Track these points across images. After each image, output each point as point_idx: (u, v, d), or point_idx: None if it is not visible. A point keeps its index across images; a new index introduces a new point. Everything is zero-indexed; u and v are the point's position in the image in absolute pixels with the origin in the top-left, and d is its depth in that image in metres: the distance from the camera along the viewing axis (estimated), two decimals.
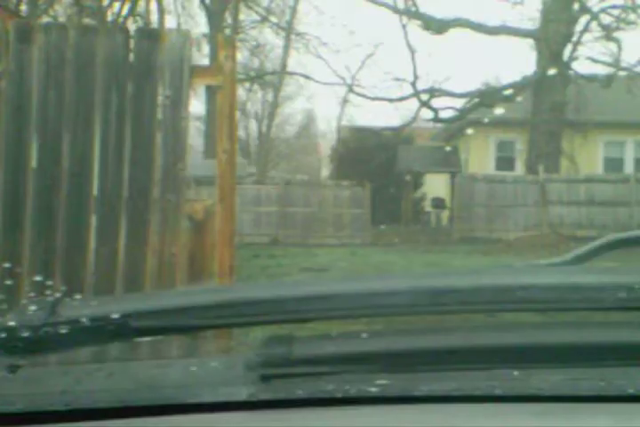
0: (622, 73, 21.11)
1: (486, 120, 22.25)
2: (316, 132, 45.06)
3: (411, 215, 23.70)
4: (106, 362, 1.17)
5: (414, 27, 22.66)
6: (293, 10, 28.59)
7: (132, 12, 21.41)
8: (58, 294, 1.07)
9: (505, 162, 23.63)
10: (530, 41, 22.09)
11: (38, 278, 3.54)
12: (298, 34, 29.35)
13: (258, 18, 29.20)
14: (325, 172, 35.48)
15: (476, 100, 22.66)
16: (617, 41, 20.95)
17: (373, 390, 0.85)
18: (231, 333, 1.41)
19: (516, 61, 53.94)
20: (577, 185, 19.30)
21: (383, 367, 0.89)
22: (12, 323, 0.94)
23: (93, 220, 3.95)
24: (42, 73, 3.96)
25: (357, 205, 19.40)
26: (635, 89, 19.23)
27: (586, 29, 21.11)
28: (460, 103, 23.59)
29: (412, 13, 22.29)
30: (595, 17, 20.87)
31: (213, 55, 22.69)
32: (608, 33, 20.96)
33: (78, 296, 1.21)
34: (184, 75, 3.99)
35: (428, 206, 26.23)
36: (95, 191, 3.96)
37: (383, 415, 0.84)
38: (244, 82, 30.43)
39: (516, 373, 0.89)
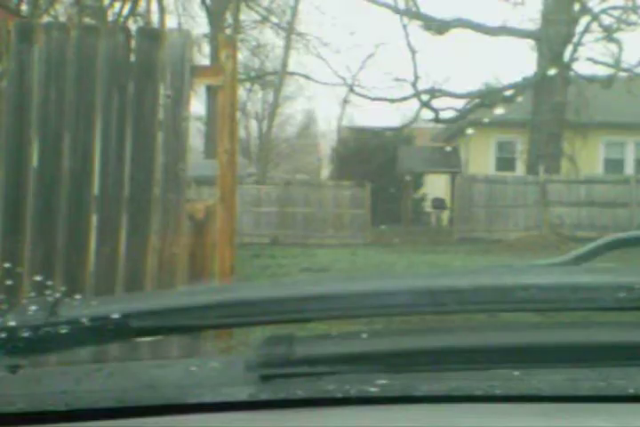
0: (623, 74, 21.10)
1: (487, 120, 22.24)
2: (317, 133, 45.08)
3: (411, 216, 23.71)
4: (106, 362, 1.17)
5: (415, 27, 22.74)
6: (294, 10, 28.55)
7: (132, 11, 21.42)
8: (58, 294, 1.07)
9: (505, 162, 23.64)
10: (530, 41, 22.08)
11: (38, 278, 3.54)
12: (298, 34, 29.32)
13: (258, 18, 29.21)
14: (326, 172, 35.48)
15: (477, 100, 22.66)
16: (617, 42, 20.95)
17: (373, 390, 0.85)
18: (231, 333, 1.41)
19: (517, 62, 53.99)
20: (577, 186, 19.29)
21: (383, 367, 0.89)
22: (12, 323, 0.94)
23: (94, 219, 3.95)
24: (43, 73, 3.96)
25: (357, 206, 19.39)
26: (635, 90, 19.22)
27: (586, 30, 21.10)
28: (460, 104, 23.59)
29: (413, 14, 22.28)
30: (595, 18, 20.87)
31: (214, 55, 22.69)
32: (609, 34, 20.96)
33: (78, 296, 1.21)
34: (185, 74, 3.99)
35: (428, 207, 26.24)
36: (96, 191, 3.96)
37: (383, 415, 0.84)
38: (245, 82, 30.43)
39: (516, 373, 0.89)
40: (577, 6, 20.87)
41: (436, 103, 22.91)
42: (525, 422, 0.82)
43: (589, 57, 21.39)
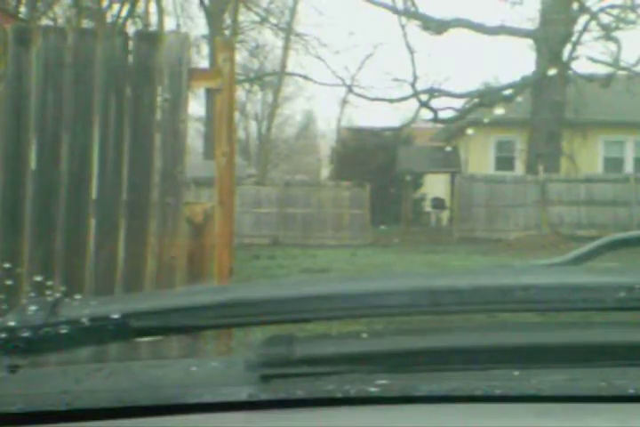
0: (622, 73, 21.10)
1: (486, 120, 22.21)
2: (316, 133, 45.10)
3: (411, 216, 23.70)
4: (106, 362, 1.17)
5: (413, 27, 22.72)
6: (293, 10, 28.56)
7: (131, 13, 21.43)
8: (58, 294, 1.07)
9: (505, 162, 23.63)
10: (529, 41, 22.09)
11: (38, 279, 3.54)
12: (297, 35, 29.33)
13: (257, 19, 29.24)
14: (325, 172, 35.47)
15: (476, 100, 22.65)
16: (616, 40, 20.94)
17: (373, 390, 0.85)
18: (231, 333, 1.41)
19: (516, 61, 53.95)
20: (577, 185, 19.30)
21: (383, 367, 0.89)
22: (11, 323, 0.94)
23: (92, 222, 3.95)
24: (40, 76, 3.96)
25: (357, 206, 19.39)
26: (634, 88, 19.24)
27: (585, 29, 21.10)
28: (459, 103, 23.59)
29: (412, 14, 22.27)
30: (594, 17, 20.86)
31: (213, 56, 22.70)
32: (607, 33, 20.94)
33: (78, 296, 1.21)
34: (183, 77, 3.99)
35: (427, 207, 26.24)
36: (94, 194, 3.96)
37: (383, 415, 0.84)
38: (244, 83, 30.45)
39: (516, 373, 0.89)
40: (575, 5, 20.88)
41: (435, 103, 22.92)
42: (525, 422, 0.82)
43: (588, 56, 21.39)
